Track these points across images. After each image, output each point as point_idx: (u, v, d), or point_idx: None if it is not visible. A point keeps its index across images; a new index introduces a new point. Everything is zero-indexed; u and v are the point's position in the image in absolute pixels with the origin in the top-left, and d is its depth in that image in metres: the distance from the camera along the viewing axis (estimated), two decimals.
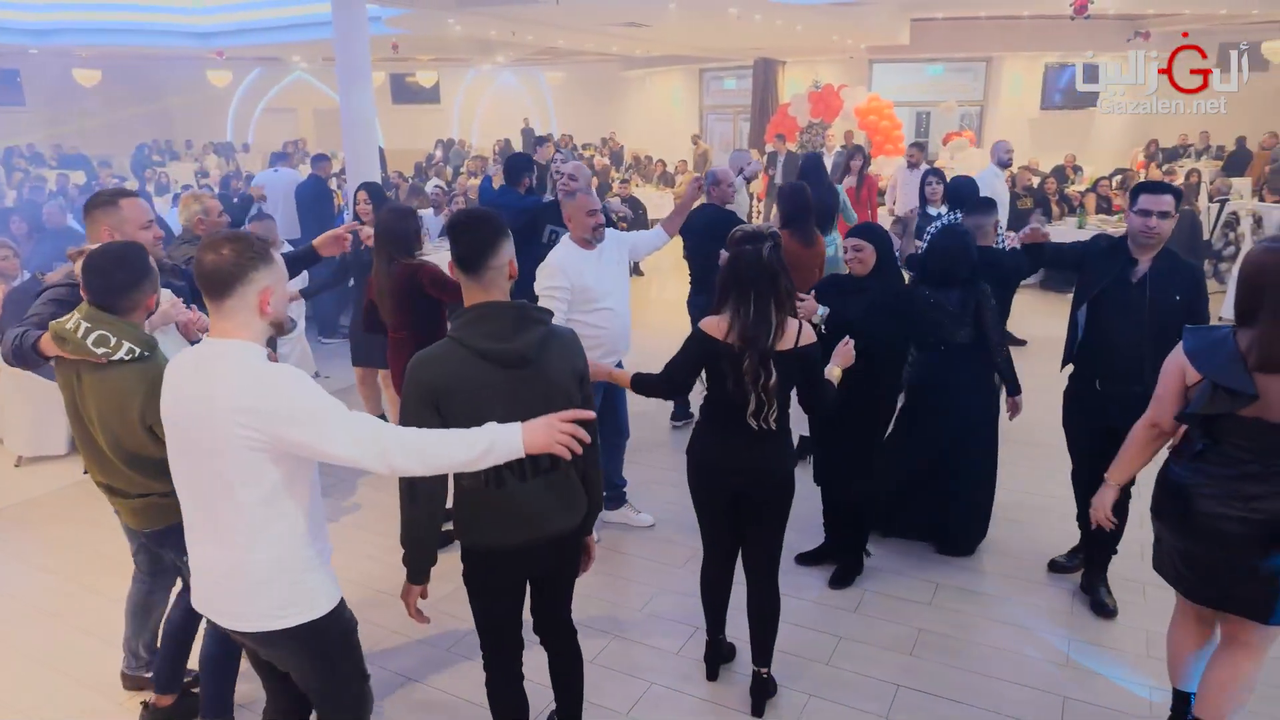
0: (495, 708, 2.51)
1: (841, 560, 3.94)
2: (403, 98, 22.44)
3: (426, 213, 9.40)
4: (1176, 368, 2.44)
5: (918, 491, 4.06)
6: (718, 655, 3.25)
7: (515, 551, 2.30)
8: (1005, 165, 7.80)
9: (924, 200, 6.31)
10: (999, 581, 3.89)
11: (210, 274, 1.92)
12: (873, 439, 3.81)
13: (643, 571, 4.04)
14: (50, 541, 4.41)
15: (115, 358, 2.40)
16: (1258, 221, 9.46)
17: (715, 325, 2.78)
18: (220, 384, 1.91)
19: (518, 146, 18.17)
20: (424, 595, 2.32)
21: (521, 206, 5.47)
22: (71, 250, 2.77)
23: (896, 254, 4.18)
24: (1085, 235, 9.46)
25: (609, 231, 4.04)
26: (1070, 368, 3.69)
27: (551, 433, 1.95)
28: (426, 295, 3.81)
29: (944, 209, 6.02)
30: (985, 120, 17.77)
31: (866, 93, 15.57)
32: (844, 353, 3.07)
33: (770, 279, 2.71)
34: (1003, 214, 7.16)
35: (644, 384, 3.00)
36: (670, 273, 11.45)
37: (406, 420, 2.14)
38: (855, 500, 3.86)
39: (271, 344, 2.25)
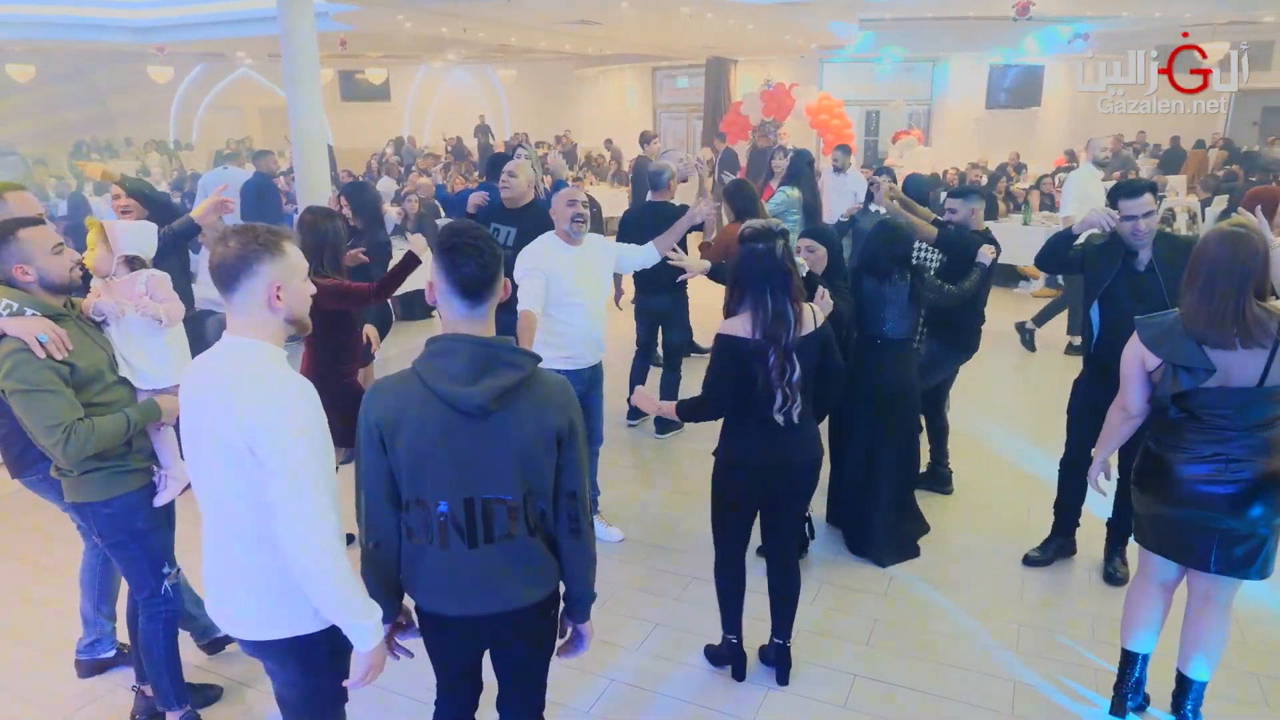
0: None
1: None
2: (352, 95, 22.11)
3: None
4: (1135, 357, 2.64)
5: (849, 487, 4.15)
6: (742, 653, 3.24)
7: (465, 621, 2.02)
8: (1101, 164, 7.48)
9: (869, 200, 6.28)
10: (951, 570, 3.97)
11: (217, 268, 1.87)
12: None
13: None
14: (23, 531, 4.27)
15: None
16: (1192, 217, 9.82)
17: (737, 326, 2.80)
18: (223, 383, 1.85)
19: (470, 144, 18.02)
20: (401, 625, 2.12)
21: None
22: None
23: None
24: (1030, 231, 9.81)
25: (598, 238, 3.97)
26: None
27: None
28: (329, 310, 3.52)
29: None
30: (933, 118, 18.12)
31: (817, 91, 15.77)
32: (823, 305, 3.14)
33: (785, 273, 2.76)
34: (1075, 210, 6.73)
35: (690, 410, 2.96)
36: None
37: (357, 451, 1.95)
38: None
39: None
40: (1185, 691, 2.83)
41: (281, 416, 1.81)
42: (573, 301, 3.77)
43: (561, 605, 2.17)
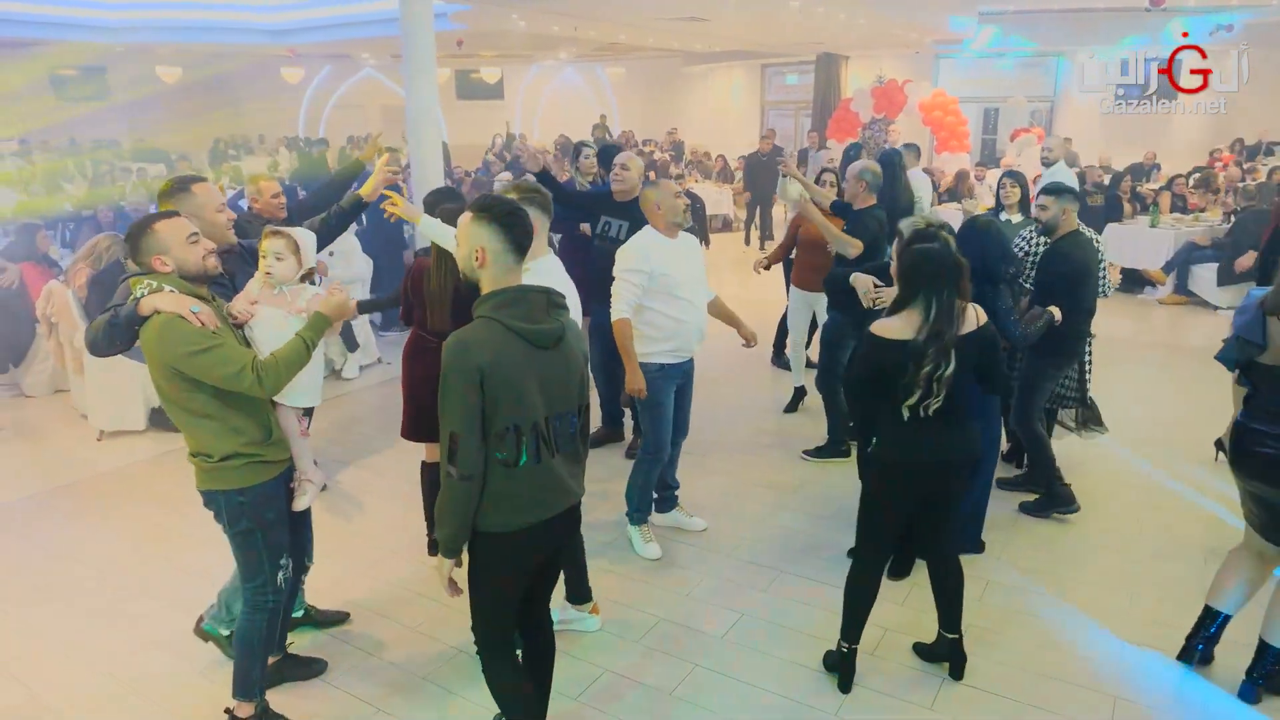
0: (510, 688, 2.51)
1: (899, 552, 3.91)
2: (467, 94, 22.80)
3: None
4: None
5: None
6: (853, 664, 3.16)
7: (541, 526, 2.36)
8: (1051, 163, 7.61)
9: (999, 205, 5.76)
10: (1039, 578, 3.83)
11: None
12: None
13: (691, 562, 4.08)
14: (125, 511, 4.64)
15: (143, 293, 2.55)
16: None
17: (896, 327, 2.76)
18: None
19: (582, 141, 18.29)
20: (460, 564, 2.36)
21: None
22: None
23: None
24: (1157, 234, 9.28)
25: (685, 234, 4.00)
26: None
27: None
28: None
29: (1015, 215, 5.52)
30: (1055, 116, 17.31)
31: (932, 88, 15.32)
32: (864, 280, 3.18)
33: (958, 269, 2.74)
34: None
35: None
36: (730, 269, 11.46)
37: (450, 398, 2.18)
38: None
39: (347, 334, 2.40)
40: (1261, 657, 2.94)
41: None
42: (681, 295, 3.79)
43: None
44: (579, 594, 3.45)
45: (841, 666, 3.12)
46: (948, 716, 2.98)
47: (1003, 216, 5.61)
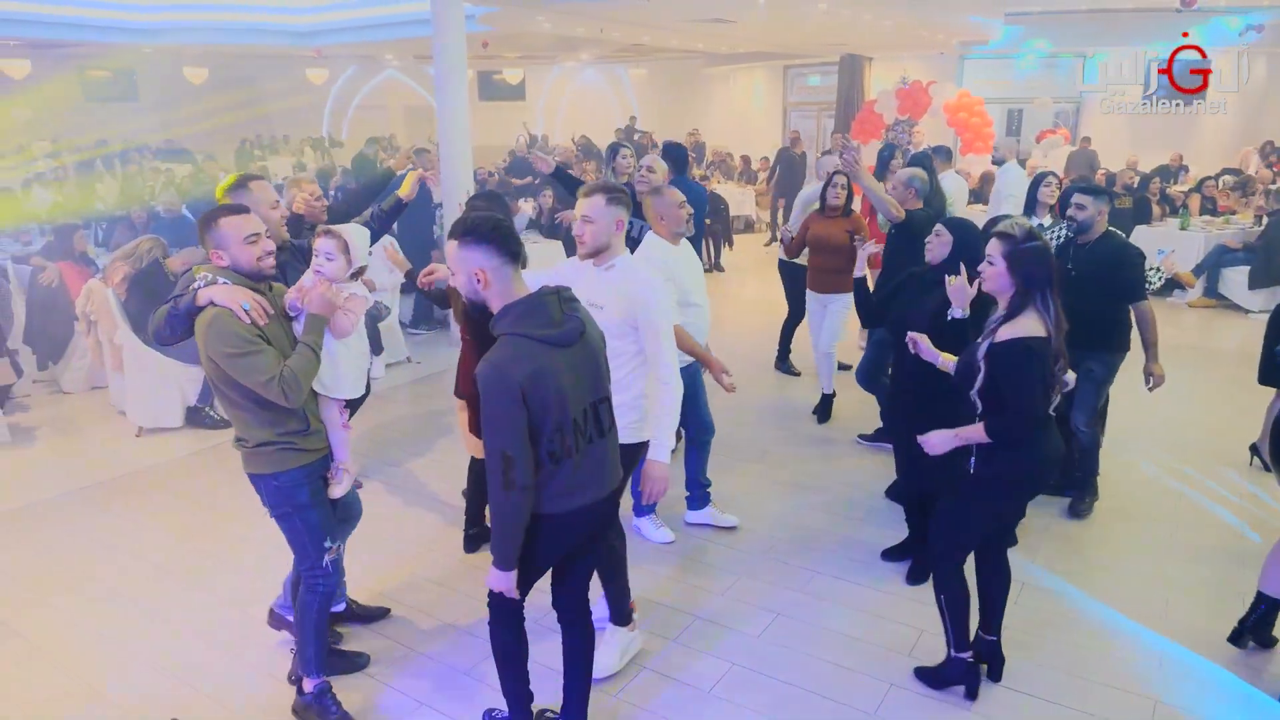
0: (514, 645, 2.65)
1: (919, 555, 3.92)
2: (489, 95, 22.90)
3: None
4: None
5: None
6: (978, 670, 3.12)
7: (585, 510, 2.46)
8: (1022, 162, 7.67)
9: (1034, 205, 5.48)
10: (1073, 580, 3.82)
11: None
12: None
13: (724, 561, 4.11)
14: (166, 506, 4.72)
15: (194, 284, 2.66)
16: None
17: (1033, 326, 2.74)
18: None
19: (600, 144, 18.35)
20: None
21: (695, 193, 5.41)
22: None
23: None
24: (1187, 237, 9.20)
25: (684, 241, 4.01)
26: None
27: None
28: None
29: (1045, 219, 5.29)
30: (1081, 116, 17.16)
31: (956, 89, 15.24)
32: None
33: (1056, 270, 2.80)
34: (1013, 209, 7.11)
35: (1009, 433, 2.77)
36: (752, 269, 11.47)
37: (497, 420, 2.24)
38: (936, 494, 3.82)
39: (374, 336, 2.47)
40: None
41: None
42: (691, 302, 3.85)
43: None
44: (619, 615, 3.29)
45: (967, 677, 3.07)
46: (986, 718, 2.99)
47: (1033, 220, 5.56)
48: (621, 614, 3.28)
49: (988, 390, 2.79)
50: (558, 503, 2.40)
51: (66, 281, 6.65)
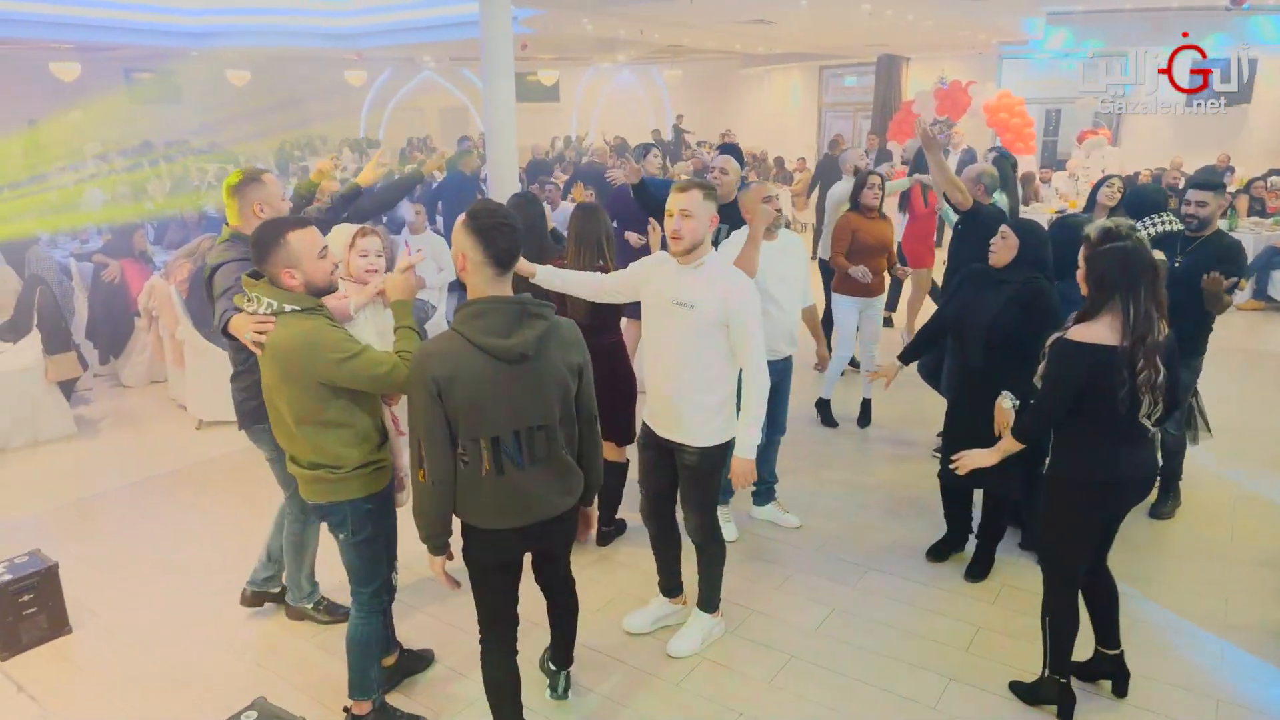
0: (488, 684, 2.60)
1: (979, 553, 3.93)
2: (524, 96, 22.96)
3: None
4: None
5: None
6: (1072, 694, 3.00)
7: (513, 531, 2.42)
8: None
9: (1093, 207, 5.41)
10: (1133, 582, 3.82)
11: None
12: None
13: (780, 557, 4.16)
14: (229, 496, 4.86)
15: (256, 310, 2.51)
16: None
17: (1096, 332, 2.65)
18: None
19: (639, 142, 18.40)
20: (450, 558, 2.44)
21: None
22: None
23: None
24: (1236, 238, 9.04)
25: (793, 236, 4.04)
26: None
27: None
28: None
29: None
30: (1123, 117, 16.92)
31: (996, 89, 15.13)
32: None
33: (1155, 270, 2.64)
34: None
35: (1029, 431, 2.85)
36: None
37: (413, 405, 2.28)
38: (992, 493, 3.84)
39: (421, 335, 2.54)
40: None
41: None
42: (770, 295, 3.87)
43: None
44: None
45: (1062, 699, 2.96)
46: (1046, 714, 3.01)
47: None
48: (710, 601, 3.38)
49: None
50: (484, 518, 2.39)
51: (127, 279, 6.85)
